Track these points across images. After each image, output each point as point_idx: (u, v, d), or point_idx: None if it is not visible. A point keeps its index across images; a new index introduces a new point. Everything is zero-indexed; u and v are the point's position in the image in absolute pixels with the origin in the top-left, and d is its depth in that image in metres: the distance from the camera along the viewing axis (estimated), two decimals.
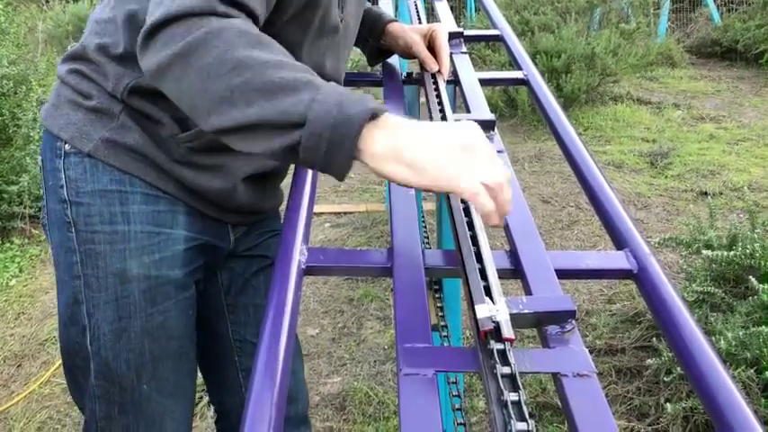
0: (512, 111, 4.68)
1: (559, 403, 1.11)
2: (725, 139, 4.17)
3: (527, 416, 0.49)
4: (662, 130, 4.37)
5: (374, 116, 0.61)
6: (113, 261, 0.88)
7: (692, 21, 7.90)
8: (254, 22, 0.69)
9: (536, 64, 4.64)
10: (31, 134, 3.14)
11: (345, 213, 3.38)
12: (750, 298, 1.75)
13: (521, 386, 0.51)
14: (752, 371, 1.63)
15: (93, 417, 0.94)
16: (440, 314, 1.20)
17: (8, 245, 3.12)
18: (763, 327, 1.62)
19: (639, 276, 0.73)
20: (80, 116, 0.88)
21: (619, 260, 0.75)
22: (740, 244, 1.77)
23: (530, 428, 0.48)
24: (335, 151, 0.60)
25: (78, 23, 9.12)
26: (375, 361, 2.22)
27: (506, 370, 0.53)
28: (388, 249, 0.75)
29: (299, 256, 0.74)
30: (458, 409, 1.15)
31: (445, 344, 1.22)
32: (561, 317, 0.62)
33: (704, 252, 1.80)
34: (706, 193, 3.32)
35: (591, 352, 0.61)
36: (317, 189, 0.95)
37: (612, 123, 4.56)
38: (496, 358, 0.54)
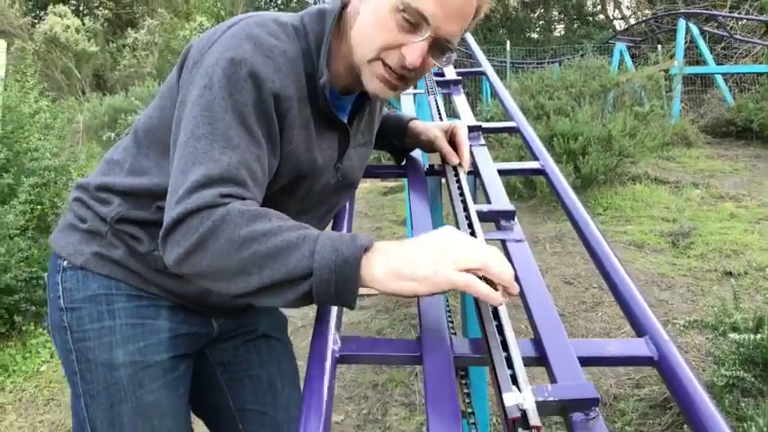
0: (530, 192, 4.76)
1: None
2: (746, 218, 4.17)
3: None
4: (682, 209, 4.40)
5: (366, 249, 0.72)
6: (101, 353, 1.00)
7: (704, 102, 8.07)
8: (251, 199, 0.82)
9: (553, 147, 4.74)
10: None
11: (368, 296, 3.41)
12: None
13: None
14: None
15: None
16: (467, 401, 1.21)
17: (40, 330, 3.18)
18: None
19: (661, 363, 0.76)
20: (77, 237, 1.04)
21: (639, 347, 0.78)
22: (766, 327, 1.76)
23: None
24: (343, 288, 0.72)
25: (114, 114, 9.61)
26: None
27: None
28: (417, 338, 0.79)
29: (332, 344, 0.79)
30: None
31: (473, 431, 1.22)
32: (585, 404, 0.65)
33: (731, 335, 1.79)
34: (731, 273, 3.29)
35: None
36: None
37: (632, 203, 4.60)
38: None
